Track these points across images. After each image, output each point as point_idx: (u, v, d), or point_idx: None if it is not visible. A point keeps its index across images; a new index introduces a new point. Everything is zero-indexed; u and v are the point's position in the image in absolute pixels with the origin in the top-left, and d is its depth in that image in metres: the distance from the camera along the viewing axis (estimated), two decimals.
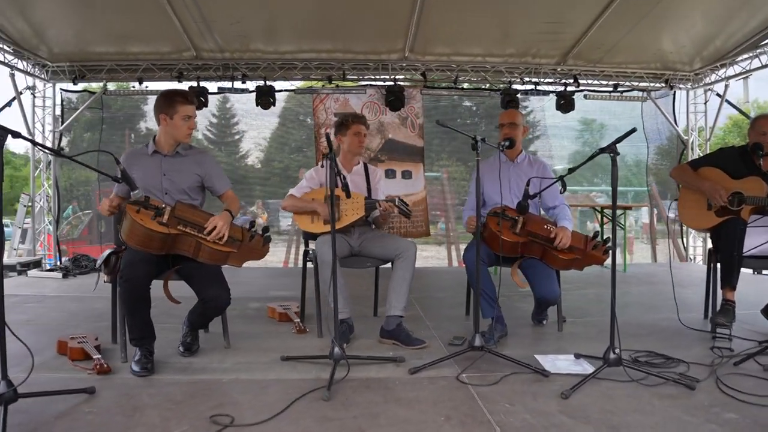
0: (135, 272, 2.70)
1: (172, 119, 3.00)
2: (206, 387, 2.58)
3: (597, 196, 11.15)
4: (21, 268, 6.11)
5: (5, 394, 2.08)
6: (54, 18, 6.10)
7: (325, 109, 7.41)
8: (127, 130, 11.40)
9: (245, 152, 10.31)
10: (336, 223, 3.54)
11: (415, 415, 2.24)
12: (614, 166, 2.60)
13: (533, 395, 2.44)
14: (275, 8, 5.91)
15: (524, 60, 6.99)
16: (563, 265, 3.39)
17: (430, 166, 8.69)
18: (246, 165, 10.44)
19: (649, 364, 2.82)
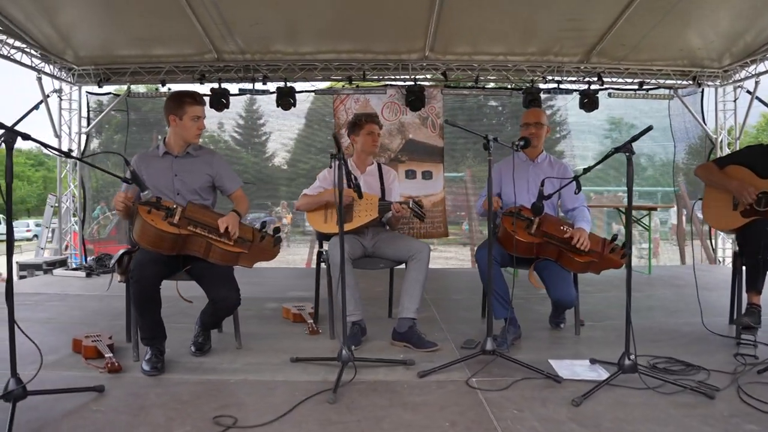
0: (144, 273, 2.72)
1: (182, 120, 3.02)
2: (213, 387, 2.58)
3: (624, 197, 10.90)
4: (47, 267, 6.27)
5: (14, 391, 2.12)
6: (80, 22, 6.24)
7: (345, 110, 7.41)
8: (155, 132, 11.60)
9: (271, 153, 10.38)
10: (348, 224, 3.55)
11: (420, 419, 2.20)
12: (629, 166, 2.52)
13: (543, 402, 2.37)
14: (295, 10, 5.92)
15: (546, 58, 6.87)
16: (579, 268, 3.30)
17: (455, 167, 8.65)
18: (272, 166, 10.51)
19: (667, 371, 2.73)
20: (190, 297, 3.11)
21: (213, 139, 10.38)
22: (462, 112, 8.33)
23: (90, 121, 7.19)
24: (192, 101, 3.04)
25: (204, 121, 3.12)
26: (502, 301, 3.28)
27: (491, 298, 3.28)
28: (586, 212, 3.43)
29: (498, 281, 3.28)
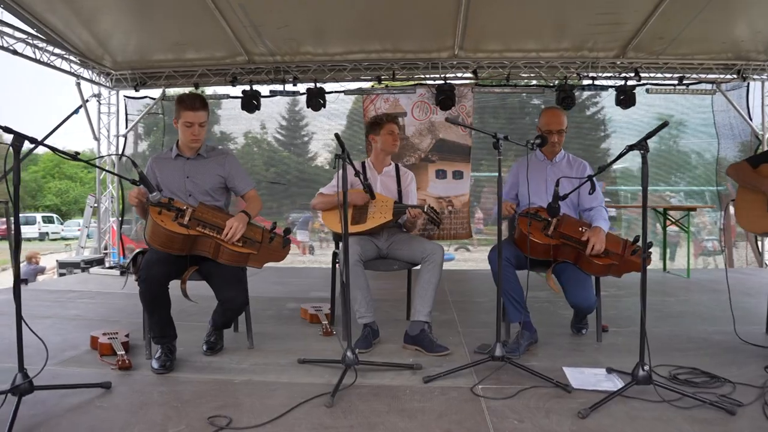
0: (151, 272, 2.76)
1: (178, 125, 3.06)
2: (216, 387, 2.60)
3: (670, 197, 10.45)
4: (84, 265, 6.51)
5: (20, 385, 2.17)
6: (117, 29, 6.46)
7: (375, 110, 7.39)
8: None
9: (314, 154, 10.51)
10: (362, 225, 3.53)
11: (414, 427, 2.15)
12: (644, 164, 2.38)
13: (547, 412, 2.27)
14: (323, 11, 5.94)
15: (580, 54, 6.65)
16: (599, 271, 3.16)
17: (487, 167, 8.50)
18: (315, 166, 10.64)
19: (688, 383, 2.57)
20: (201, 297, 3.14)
21: (255, 140, 10.57)
22: (504, 111, 8.19)
23: (128, 124, 7.43)
24: (184, 107, 3.03)
25: (199, 128, 3.07)
26: (516, 305, 3.18)
27: (505, 302, 3.20)
28: (604, 212, 3.28)
29: (512, 284, 3.19)
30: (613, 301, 4.63)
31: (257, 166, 10.77)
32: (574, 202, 3.40)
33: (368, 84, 7.42)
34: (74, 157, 2.42)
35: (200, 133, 3.09)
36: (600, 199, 3.33)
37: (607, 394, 2.35)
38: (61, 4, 5.60)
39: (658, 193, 10.01)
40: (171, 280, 2.88)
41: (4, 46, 5.40)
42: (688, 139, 10.11)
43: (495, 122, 9.01)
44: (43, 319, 3.97)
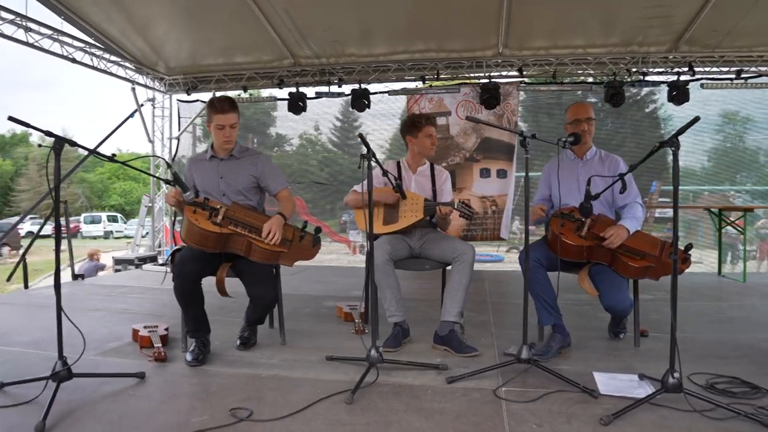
0: (185, 269, 2.88)
1: (210, 128, 3.16)
2: (244, 381, 2.68)
3: (735, 197, 9.92)
4: (138, 262, 6.84)
5: (59, 372, 2.32)
6: (169, 36, 6.77)
7: (419, 109, 7.39)
8: (250, 135, 12.28)
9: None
10: (394, 224, 3.54)
11: (430, 427, 2.14)
12: (675, 162, 2.28)
13: (569, 417, 2.21)
14: (366, 13, 6.02)
15: (630, 49, 6.42)
16: (634, 274, 3.05)
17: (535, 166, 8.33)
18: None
19: (726, 393, 2.43)
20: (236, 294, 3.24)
21: (310, 141, 10.79)
22: (560, 109, 8.01)
23: (180, 127, 7.75)
24: (215, 110, 3.12)
25: (230, 129, 3.15)
26: (547, 308, 3.11)
27: (536, 304, 3.14)
28: (635, 209, 3.15)
29: (544, 286, 3.12)
30: (657, 305, 4.45)
31: (312, 166, 10.97)
32: (609, 201, 3.29)
33: (413, 84, 7.41)
34: (110, 158, 2.55)
35: (231, 134, 3.18)
36: (634, 195, 3.21)
37: (633, 401, 2.27)
38: (117, 14, 5.91)
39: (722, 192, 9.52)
40: (204, 276, 2.99)
41: (64, 55, 5.75)
42: (756, 136, 9.56)
43: (550, 121, 8.84)
44: (94, 312, 4.21)
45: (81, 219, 31.51)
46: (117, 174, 41.48)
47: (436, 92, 7.27)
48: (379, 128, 8.83)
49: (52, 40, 5.57)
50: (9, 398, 2.38)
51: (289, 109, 7.41)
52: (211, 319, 3.12)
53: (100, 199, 41.73)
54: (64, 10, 5.47)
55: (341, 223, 12.71)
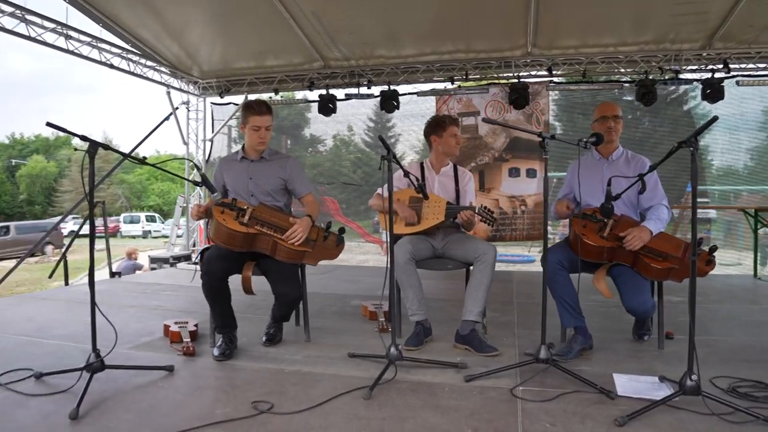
0: (211, 268, 2.99)
1: (245, 129, 3.26)
2: (267, 375, 2.77)
3: None
4: (173, 260, 7.07)
5: (93, 364, 2.45)
6: (203, 41, 6.98)
7: (448, 109, 7.42)
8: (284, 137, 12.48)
9: (400, 155, 10.75)
10: (416, 226, 3.58)
11: (444, 423, 2.18)
12: (694, 162, 2.26)
13: (583, 418, 2.22)
14: (394, 15, 6.07)
15: (662, 47, 6.30)
16: (657, 275, 3.02)
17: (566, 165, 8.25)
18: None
19: (747, 397, 2.40)
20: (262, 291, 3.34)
21: (343, 142, 10.92)
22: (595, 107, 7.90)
23: (214, 129, 7.96)
24: (253, 112, 3.22)
25: (265, 131, 3.26)
26: (569, 309, 3.11)
27: (557, 306, 3.14)
28: (660, 211, 3.11)
29: (566, 288, 3.11)
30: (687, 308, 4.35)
31: (345, 167, 11.10)
32: (634, 202, 3.26)
33: (441, 85, 7.43)
34: (142, 161, 2.67)
35: (266, 136, 3.29)
36: (659, 197, 3.18)
37: (650, 403, 2.26)
38: (151, 20, 6.13)
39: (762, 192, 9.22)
40: (231, 275, 3.10)
41: (103, 61, 5.99)
42: None
43: (585, 120, 8.69)
44: (129, 308, 4.39)
45: (121, 219, 32.58)
46: (155, 175, 42.69)
47: (465, 93, 7.27)
48: (408, 129, 8.86)
49: (91, 47, 5.83)
50: (46, 387, 2.53)
51: (320, 111, 7.53)
52: (239, 316, 3.23)
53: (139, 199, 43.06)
54: (101, 17, 5.70)
55: (374, 223, 12.81)
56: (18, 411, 2.28)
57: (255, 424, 2.18)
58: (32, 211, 43.35)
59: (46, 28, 5.25)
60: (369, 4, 5.90)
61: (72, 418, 2.17)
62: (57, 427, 2.12)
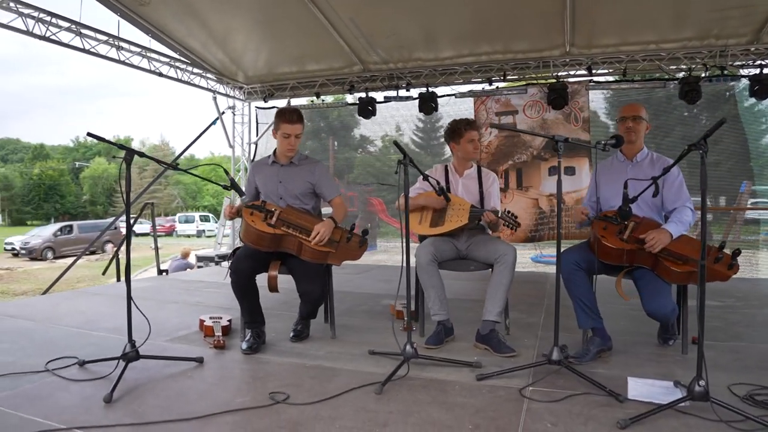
0: (239, 266, 3.18)
1: (277, 135, 3.43)
2: (288, 369, 2.93)
3: None
4: (218, 259, 7.40)
5: (128, 353, 2.67)
6: (248, 48, 7.27)
7: (486, 110, 7.42)
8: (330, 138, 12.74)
9: (449, 155, 10.82)
10: (440, 228, 3.66)
11: (447, 419, 2.27)
12: (703, 165, 2.24)
13: (587, 419, 2.25)
14: (431, 18, 6.14)
15: (706, 43, 6.09)
16: (678, 279, 2.98)
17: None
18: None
19: (764, 405, 2.35)
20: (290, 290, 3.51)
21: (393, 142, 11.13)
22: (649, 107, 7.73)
23: (258, 132, 8.27)
24: (284, 119, 3.39)
25: (295, 138, 3.42)
26: (587, 311, 3.12)
27: (575, 307, 3.15)
28: (683, 213, 3.07)
29: (583, 289, 3.12)
30: (722, 312, 4.25)
31: (393, 167, 11.30)
32: (657, 204, 3.22)
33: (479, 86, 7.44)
34: (174, 166, 2.88)
35: (296, 143, 3.46)
36: (684, 199, 3.13)
37: (656, 407, 2.27)
38: (198, 29, 6.45)
39: None
40: (257, 273, 3.28)
41: (152, 69, 6.36)
42: None
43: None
44: (171, 304, 4.67)
45: (176, 219, 33.98)
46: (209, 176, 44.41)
47: (503, 93, 7.26)
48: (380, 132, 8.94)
49: (141, 56, 6.19)
50: (88, 374, 2.77)
51: (359, 114, 7.68)
52: (273, 313, 3.41)
53: (194, 199, 44.82)
54: (151, 28, 6.06)
55: None
56: (60, 394, 2.52)
57: (269, 412, 2.34)
58: (95, 211, 46.15)
59: (99, 40, 5.63)
60: (404, 8, 5.98)
61: (106, 401, 2.39)
62: (92, 409, 2.34)
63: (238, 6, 5.97)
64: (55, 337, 3.50)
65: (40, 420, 2.22)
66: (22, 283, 15.24)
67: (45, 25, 5.03)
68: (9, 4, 4.60)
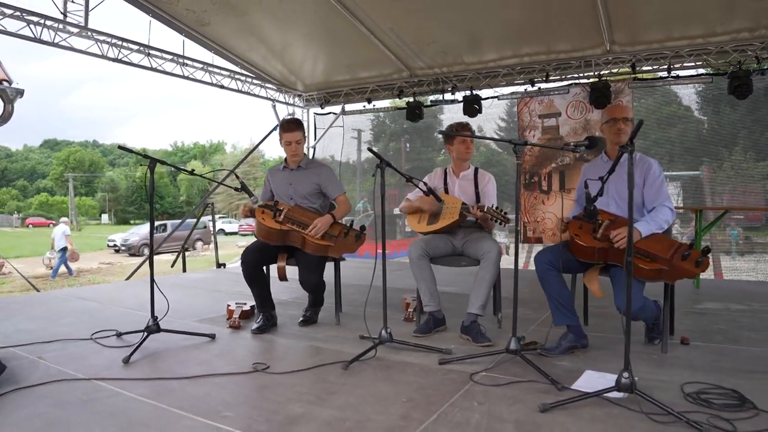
0: (248, 257, 3.68)
1: (282, 145, 3.89)
2: (283, 347, 3.38)
3: None
4: None
5: (150, 326, 3.24)
6: (306, 59, 7.85)
7: (529, 112, 7.50)
8: (402, 140, 13.17)
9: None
10: (434, 225, 3.93)
11: (389, 392, 2.57)
12: (631, 166, 2.39)
13: (515, 401, 2.44)
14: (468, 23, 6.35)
15: (758, 34, 5.79)
16: (648, 276, 3.04)
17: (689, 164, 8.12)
18: None
19: (704, 403, 2.39)
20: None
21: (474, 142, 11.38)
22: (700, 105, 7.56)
23: (316, 136, 8.86)
24: (283, 129, 3.87)
25: (296, 145, 3.88)
26: (561, 308, 3.26)
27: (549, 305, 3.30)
28: (659, 212, 3.15)
29: (557, 288, 3.26)
30: (738, 315, 4.17)
31: None
32: (639, 204, 3.30)
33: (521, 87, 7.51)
34: (191, 172, 3.42)
35: (297, 149, 3.91)
36: (663, 198, 3.20)
37: (582, 394, 2.43)
38: (257, 44, 7.11)
39: None
40: (264, 264, 3.79)
41: (214, 83, 7.10)
42: None
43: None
44: (215, 292, 5.31)
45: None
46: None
47: (546, 94, 7.29)
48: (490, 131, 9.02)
49: (204, 71, 6.95)
50: (122, 342, 3.40)
51: (407, 117, 8.01)
52: (296, 302, 3.86)
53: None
54: (214, 45, 6.79)
55: None
56: (94, 356, 3.13)
57: (246, 378, 2.79)
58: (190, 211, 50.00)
59: (165, 59, 6.43)
60: (440, 16, 6.23)
61: (124, 362, 2.97)
62: (112, 367, 2.92)
63: (287, 22, 6.53)
64: (110, 315, 4.21)
65: (71, 372, 2.82)
66: (116, 275, 16.94)
67: (117, 48, 5.87)
68: (87, 33, 5.46)
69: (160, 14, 6.08)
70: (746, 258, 9.97)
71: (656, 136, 9.44)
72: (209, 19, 6.31)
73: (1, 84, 3.60)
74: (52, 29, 5.26)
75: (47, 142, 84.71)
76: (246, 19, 6.41)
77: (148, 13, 5.94)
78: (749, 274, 8.54)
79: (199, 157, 54.50)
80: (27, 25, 5.09)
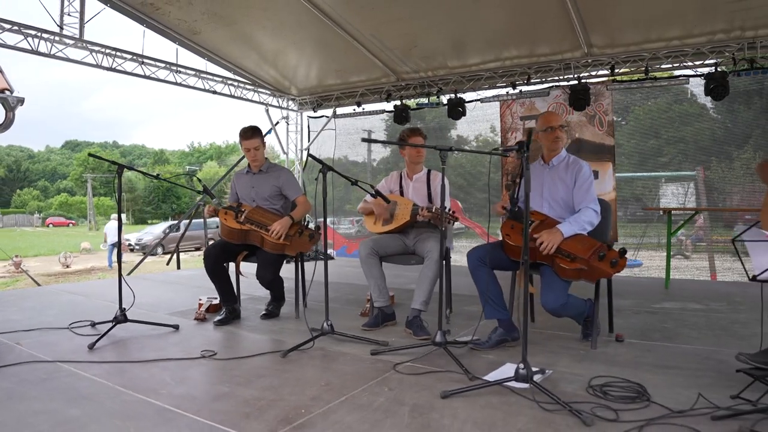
0: (209, 254, 4.01)
1: (243, 152, 4.19)
2: (236, 337, 3.68)
3: None
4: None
5: (118, 316, 3.57)
6: (299, 64, 8.14)
7: (512, 114, 7.66)
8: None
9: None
10: (389, 225, 4.18)
11: (312, 377, 2.83)
12: (527, 171, 2.62)
13: (423, 388, 2.64)
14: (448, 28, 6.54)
15: (734, 35, 5.87)
16: (570, 275, 3.21)
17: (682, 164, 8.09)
18: None
19: (600, 393, 2.56)
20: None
21: (486, 143, 11.45)
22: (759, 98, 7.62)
23: (310, 138, 9.16)
24: (242, 137, 4.19)
25: (255, 150, 4.18)
26: (492, 303, 3.44)
27: (481, 301, 3.49)
28: (584, 213, 3.34)
29: (487, 282, 3.44)
30: (691, 315, 4.35)
31: (485, 168, 11.60)
32: (569, 205, 3.49)
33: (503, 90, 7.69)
34: (156, 176, 3.73)
35: (256, 154, 4.20)
36: (589, 200, 3.39)
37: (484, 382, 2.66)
38: (250, 51, 7.44)
39: None
40: (224, 261, 4.10)
41: (206, 89, 7.44)
42: None
43: (747, 111, 8.30)
44: (195, 288, 5.69)
45: None
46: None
47: (527, 97, 7.46)
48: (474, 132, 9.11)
49: (197, 78, 7.30)
50: (95, 331, 3.75)
51: (395, 120, 8.24)
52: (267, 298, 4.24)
53: None
54: (206, 53, 7.13)
55: None
56: (66, 343, 3.49)
57: (193, 363, 3.09)
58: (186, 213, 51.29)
59: (159, 67, 6.80)
60: (422, 22, 6.41)
61: (90, 348, 3.30)
62: (78, 352, 3.26)
63: (275, 30, 6.82)
64: (89, 308, 4.56)
65: (41, 356, 3.16)
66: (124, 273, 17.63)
67: (111, 57, 6.25)
68: (83, 44, 5.85)
69: (154, 24, 6.43)
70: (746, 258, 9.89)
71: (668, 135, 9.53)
72: (200, 28, 6.64)
73: (2, 93, 3.95)
74: (48, 41, 5.65)
75: (68, 143, 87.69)
76: (236, 27, 6.72)
77: (142, 23, 6.30)
78: (742, 276, 8.52)
79: (215, 157, 55.72)
80: (24, 38, 5.49)
